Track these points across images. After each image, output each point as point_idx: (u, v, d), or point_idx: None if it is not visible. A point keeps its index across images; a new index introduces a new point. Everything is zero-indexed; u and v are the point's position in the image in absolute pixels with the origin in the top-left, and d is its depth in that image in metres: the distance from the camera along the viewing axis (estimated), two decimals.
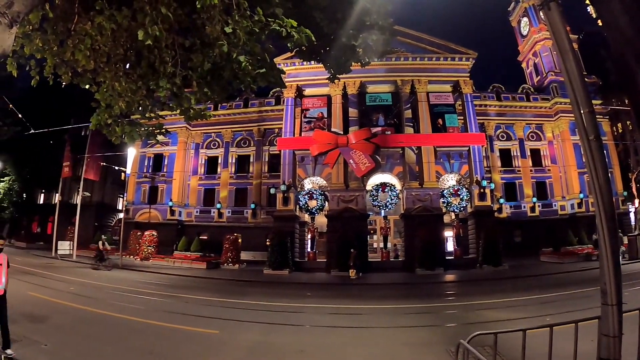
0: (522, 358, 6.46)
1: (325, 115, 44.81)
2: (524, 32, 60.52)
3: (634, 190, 46.79)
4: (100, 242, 30.45)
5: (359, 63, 11.43)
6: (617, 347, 4.89)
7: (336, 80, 12.07)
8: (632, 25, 4.26)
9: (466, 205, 41.00)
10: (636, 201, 45.22)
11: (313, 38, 8.20)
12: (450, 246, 42.16)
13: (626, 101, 44.84)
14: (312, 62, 11.99)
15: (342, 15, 10.01)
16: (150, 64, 8.09)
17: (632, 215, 46.27)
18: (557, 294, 18.39)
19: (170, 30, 7.38)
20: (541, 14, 6.09)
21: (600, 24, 5.73)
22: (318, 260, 40.66)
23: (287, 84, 43.38)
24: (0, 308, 9.62)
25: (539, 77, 57.07)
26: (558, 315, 12.05)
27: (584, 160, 5.51)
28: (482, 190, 40.73)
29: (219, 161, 54.55)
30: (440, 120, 44.08)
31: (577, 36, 55.05)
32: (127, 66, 8.50)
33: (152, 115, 9.60)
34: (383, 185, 40.79)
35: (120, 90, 8.37)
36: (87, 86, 8.66)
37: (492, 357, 6.73)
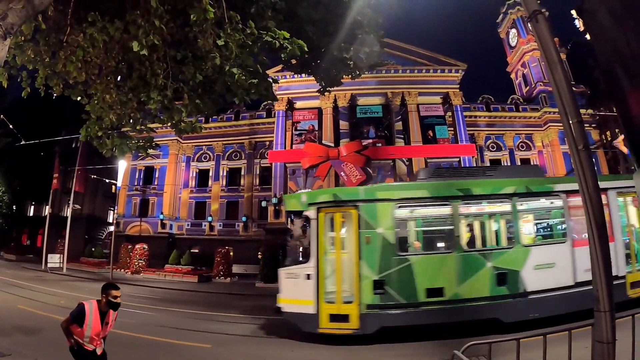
0: None
1: (316, 128, 44.88)
2: (513, 44, 60.86)
3: None
4: None
5: (350, 76, 11.48)
6: (611, 353, 4.91)
7: (327, 93, 12.11)
8: (620, 36, 4.32)
9: None
10: None
11: (306, 48, 8.24)
12: None
13: (614, 109, 45.19)
14: (303, 75, 12.04)
15: (334, 29, 10.08)
16: (141, 76, 8.10)
17: None
18: None
19: (162, 42, 7.40)
20: (529, 25, 6.13)
21: (588, 36, 5.82)
22: None
23: (278, 96, 43.43)
24: None
25: (528, 87, 57.30)
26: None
27: (573, 169, 5.56)
28: None
29: (210, 174, 54.24)
30: (430, 132, 44.23)
31: (565, 47, 55.49)
32: (119, 78, 8.51)
33: (143, 127, 9.59)
34: None
35: (111, 102, 8.38)
36: (78, 98, 8.67)
37: None
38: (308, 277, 13.37)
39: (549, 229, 15.37)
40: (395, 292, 12.77)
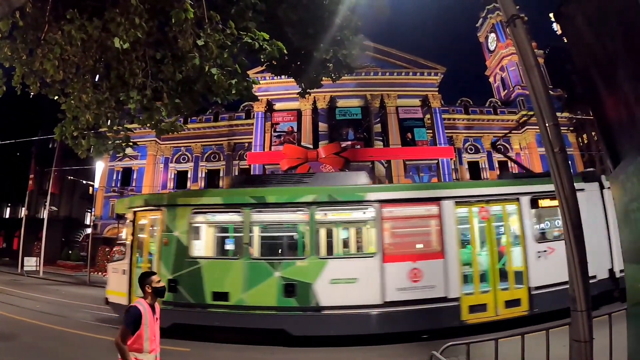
0: None
1: (295, 130, 44.95)
2: (492, 48, 61.56)
3: None
4: None
5: (330, 78, 11.48)
6: (589, 352, 4.97)
7: (306, 95, 12.11)
8: (596, 41, 4.39)
9: None
10: None
11: (285, 50, 8.25)
12: None
13: (590, 113, 46.01)
14: (283, 76, 12.02)
15: (314, 31, 10.09)
16: (119, 75, 8.04)
17: None
18: None
19: (141, 42, 7.36)
20: (507, 30, 6.21)
21: (566, 40, 5.87)
22: None
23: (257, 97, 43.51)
24: None
25: (506, 90, 58.00)
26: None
27: (550, 172, 5.63)
28: None
29: (189, 175, 53.83)
30: (409, 134, 44.54)
31: (543, 51, 56.28)
32: (96, 78, 8.44)
33: (120, 128, 9.50)
34: None
35: (88, 101, 8.28)
36: (55, 97, 8.57)
37: None
38: (124, 272, 14.50)
39: (354, 241, 15.13)
40: (186, 292, 13.23)
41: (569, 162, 5.83)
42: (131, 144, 9.96)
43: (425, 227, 13.63)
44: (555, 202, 14.04)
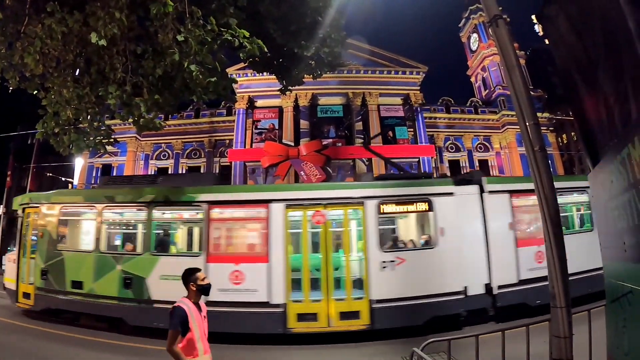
0: None
1: (277, 127, 44.75)
2: (474, 48, 61.85)
3: None
4: None
5: (311, 75, 11.49)
6: (569, 348, 5.03)
7: (288, 92, 12.12)
8: (577, 43, 4.42)
9: None
10: None
11: (265, 48, 8.24)
12: None
13: (570, 113, 46.51)
14: (265, 73, 12.01)
15: (296, 28, 10.07)
16: (99, 70, 7.97)
17: None
18: None
19: (122, 36, 7.30)
20: (490, 30, 6.26)
21: (547, 42, 5.93)
22: None
23: (238, 95, 43.49)
24: None
25: (487, 90, 58.26)
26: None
27: (530, 170, 5.69)
28: None
29: (169, 172, 53.21)
30: (390, 132, 44.59)
31: (524, 52, 56.75)
32: (77, 72, 8.36)
33: (100, 124, 9.44)
34: None
35: (68, 96, 8.20)
36: (35, 92, 8.48)
37: None
38: (14, 261, 16.34)
39: (185, 240, 16.18)
40: (53, 280, 14.59)
41: (549, 161, 5.88)
42: (112, 140, 9.92)
43: (253, 230, 13.78)
44: (402, 208, 13.82)
